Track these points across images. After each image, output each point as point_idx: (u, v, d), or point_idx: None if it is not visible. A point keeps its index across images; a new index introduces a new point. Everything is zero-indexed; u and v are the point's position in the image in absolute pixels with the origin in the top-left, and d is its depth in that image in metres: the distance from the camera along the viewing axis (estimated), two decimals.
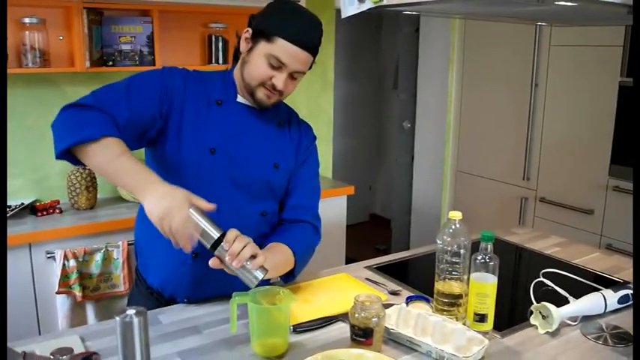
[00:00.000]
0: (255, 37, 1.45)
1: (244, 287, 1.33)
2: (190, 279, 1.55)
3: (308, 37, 1.45)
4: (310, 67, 1.51)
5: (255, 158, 1.54)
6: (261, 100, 1.49)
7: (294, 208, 1.64)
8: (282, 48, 1.41)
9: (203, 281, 1.55)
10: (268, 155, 1.56)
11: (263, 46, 1.43)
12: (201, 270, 1.53)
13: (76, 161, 1.37)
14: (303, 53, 1.44)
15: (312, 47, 1.46)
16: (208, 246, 1.27)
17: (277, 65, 1.43)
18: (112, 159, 1.31)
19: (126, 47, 2.66)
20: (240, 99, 1.54)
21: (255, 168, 1.54)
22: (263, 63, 1.44)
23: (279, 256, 1.49)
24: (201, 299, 1.56)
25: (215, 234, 1.26)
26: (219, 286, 1.50)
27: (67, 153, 1.35)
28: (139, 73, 1.50)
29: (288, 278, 1.59)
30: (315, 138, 1.71)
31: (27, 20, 2.43)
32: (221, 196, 1.49)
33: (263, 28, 1.44)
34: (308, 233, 1.64)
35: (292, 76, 1.48)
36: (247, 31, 1.48)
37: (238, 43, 1.53)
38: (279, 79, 1.45)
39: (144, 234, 1.62)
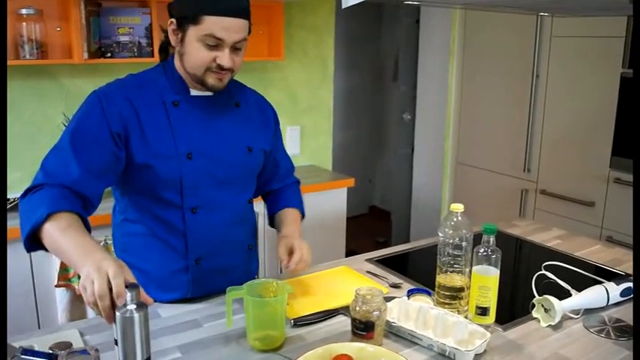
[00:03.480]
0: (182, 25, 1.38)
1: (246, 279, 1.33)
2: (196, 283, 1.53)
3: (234, 3, 1.36)
4: (249, 32, 1.43)
5: (229, 149, 1.51)
6: (214, 85, 1.43)
7: (283, 178, 1.76)
8: (213, 24, 1.34)
9: (209, 281, 1.53)
10: (239, 141, 1.54)
11: (193, 31, 1.36)
12: (206, 272, 1.53)
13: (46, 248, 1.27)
14: (236, 21, 1.36)
15: (242, 11, 1.37)
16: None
17: (215, 44, 1.36)
18: (57, 237, 1.21)
19: (124, 39, 2.64)
20: (193, 92, 1.48)
21: (233, 159, 1.52)
22: (200, 47, 1.37)
23: (298, 222, 1.68)
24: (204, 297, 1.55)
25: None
26: (222, 283, 1.46)
27: (34, 243, 1.27)
28: (77, 116, 1.40)
29: None
30: (271, 107, 1.70)
31: (24, 11, 2.40)
32: (210, 199, 1.49)
33: (185, 12, 1.36)
34: (297, 190, 1.81)
35: (235, 48, 1.40)
36: (172, 22, 1.41)
37: (166, 37, 1.47)
38: (224, 58, 1.38)
39: (127, 258, 1.50)
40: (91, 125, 1.38)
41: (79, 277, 2.30)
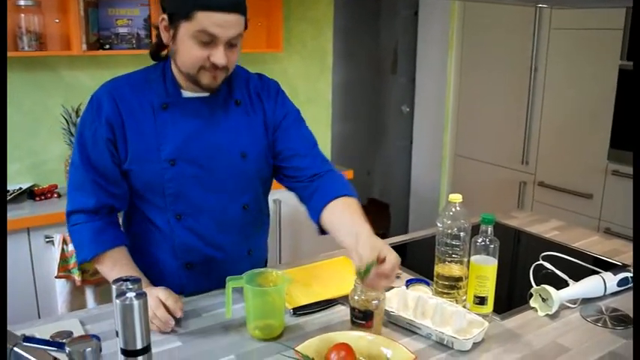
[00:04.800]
0: (173, 22, 1.30)
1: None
2: (191, 286, 1.52)
3: None
4: (246, 27, 1.34)
5: (219, 155, 1.42)
6: (208, 85, 1.35)
7: (304, 169, 1.49)
8: (206, 20, 1.25)
9: (204, 287, 1.53)
10: (232, 147, 1.43)
11: (185, 27, 1.28)
12: (200, 277, 1.52)
13: None
14: (230, 16, 1.27)
15: (237, 6, 1.28)
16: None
17: (209, 40, 1.28)
18: (107, 274, 1.42)
19: (123, 30, 2.64)
20: (186, 94, 1.41)
21: (223, 166, 1.43)
22: (193, 45, 1.29)
23: (359, 212, 1.37)
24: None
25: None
26: (221, 286, 1.44)
27: None
28: (79, 130, 1.43)
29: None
30: (278, 91, 1.53)
31: (22, 3, 2.40)
32: (197, 206, 1.44)
33: (177, 8, 1.28)
34: (338, 178, 1.50)
35: (230, 45, 1.31)
36: (163, 18, 1.33)
37: (158, 35, 1.39)
38: (218, 55, 1.29)
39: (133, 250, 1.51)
40: (98, 142, 1.40)
41: (79, 269, 2.31)
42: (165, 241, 1.48)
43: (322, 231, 1.43)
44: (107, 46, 2.64)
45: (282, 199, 2.78)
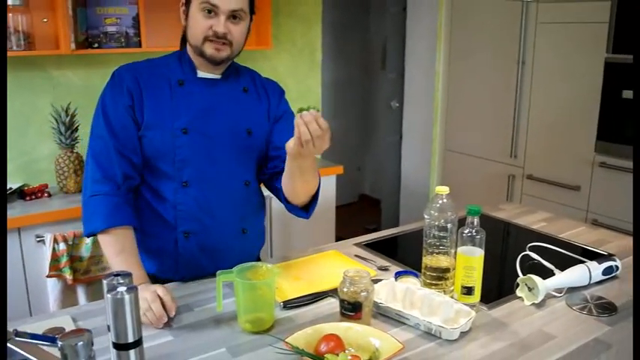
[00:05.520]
0: (188, 2, 1.49)
1: (239, 262, 1.35)
2: (184, 258, 1.57)
3: None
4: (253, 12, 1.55)
5: (228, 130, 1.56)
6: (212, 55, 1.49)
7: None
8: None
9: (198, 259, 1.57)
10: (240, 123, 1.58)
11: (193, 3, 1.47)
12: (195, 247, 1.56)
13: None
14: None
15: None
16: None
17: (211, 10, 1.45)
18: (111, 256, 1.44)
19: (111, 29, 2.64)
20: (200, 74, 1.56)
21: (230, 140, 1.56)
22: (199, 17, 1.46)
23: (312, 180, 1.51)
24: (198, 277, 1.58)
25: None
26: (214, 263, 1.52)
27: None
28: (102, 101, 1.53)
29: (311, 207, 1.60)
30: (283, 92, 1.71)
31: (10, 2, 2.40)
32: (203, 175, 1.54)
33: None
34: None
35: (233, 18, 1.48)
36: (182, 3, 1.52)
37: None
38: (219, 24, 1.45)
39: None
40: (119, 108, 1.50)
41: (70, 267, 2.32)
42: (166, 209, 1.55)
43: (288, 202, 1.59)
44: (96, 45, 2.64)
45: (272, 195, 2.78)
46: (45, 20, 2.56)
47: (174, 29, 2.95)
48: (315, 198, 1.59)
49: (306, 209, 1.60)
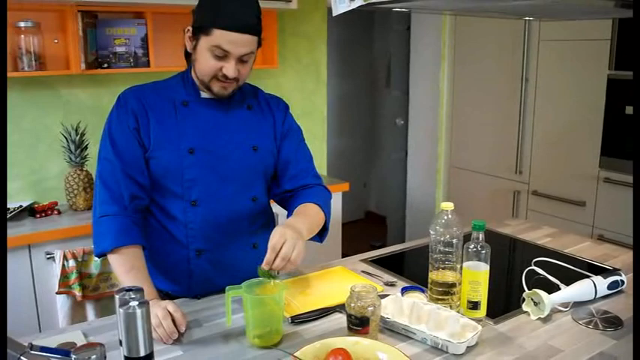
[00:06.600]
0: (196, 34, 1.49)
1: (252, 277, 1.37)
2: (197, 275, 1.59)
3: (243, 20, 1.45)
4: (260, 45, 1.54)
5: (234, 147, 1.58)
6: (218, 92, 1.53)
7: (295, 177, 1.69)
8: (221, 38, 1.44)
9: (210, 276, 1.60)
10: (245, 140, 1.60)
11: (204, 41, 1.46)
12: (207, 265, 1.58)
13: None
14: (243, 37, 1.45)
15: (250, 28, 1.47)
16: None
17: (222, 55, 1.46)
18: (121, 274, 1.46)
19: (120, 49, 2.69)
20: (203, 95, 1.59)
21: (236, 157, 1.59)
22: (209, 57, 1.47)
23: (311, 215, 1.57)
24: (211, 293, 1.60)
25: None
26: (227, 279, 1.52)
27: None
28: (108, 126, 1.55)
29: (323, 234, 1.66)
30: (287, 107, 1.73)
31: (22, 24, 2.46)
32: (211, 193, 1.57)
33: (200, 23, 1.47)
34: (320, 190, 1.69)
35: (242, 60, 1.50)
36: (188, 30, 1.52)
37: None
38: (229, 68, 1.48)
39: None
40: (125, 131, 1.52)
41: (79, 284, 2.34)
42: (178, 228, 1.57)
43: None
44: (105, 65, 2.68)
45: (279, 212, 2.81)
46: (56, 41, 2.62)
47: (182, 49, 3.02)
48: (325, 227, 1.64)
49: (319, 234, 1.64)
